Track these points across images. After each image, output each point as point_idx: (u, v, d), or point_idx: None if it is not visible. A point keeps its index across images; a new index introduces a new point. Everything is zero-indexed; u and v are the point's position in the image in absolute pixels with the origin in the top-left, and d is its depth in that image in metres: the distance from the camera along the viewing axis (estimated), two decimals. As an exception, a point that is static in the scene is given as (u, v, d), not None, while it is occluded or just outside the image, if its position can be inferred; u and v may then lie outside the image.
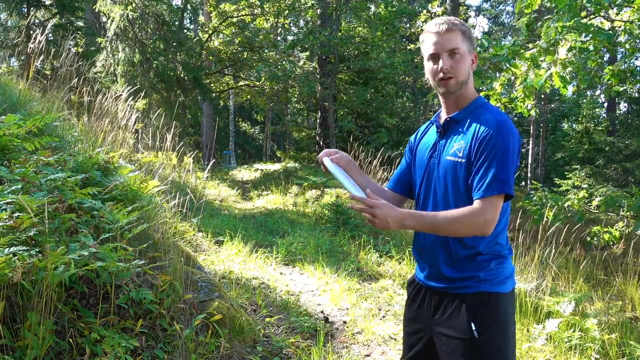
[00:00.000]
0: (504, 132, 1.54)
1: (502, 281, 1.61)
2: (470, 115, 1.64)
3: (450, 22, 1.61)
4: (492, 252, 1.62)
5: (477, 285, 1.58)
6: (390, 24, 13.50)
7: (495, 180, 1.50)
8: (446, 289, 1.64)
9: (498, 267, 1.61)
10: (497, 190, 1.50)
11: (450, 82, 1.61)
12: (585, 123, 18.38)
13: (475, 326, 1.55)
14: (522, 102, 5.42)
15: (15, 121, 2.69)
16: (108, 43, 10.87)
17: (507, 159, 1.52)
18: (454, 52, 1.59)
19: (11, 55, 9.02)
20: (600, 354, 3.15)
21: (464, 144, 1.60)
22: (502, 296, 1.59)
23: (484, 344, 1.54)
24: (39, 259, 1.85)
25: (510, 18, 27.57)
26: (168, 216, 3.68)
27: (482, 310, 1.56)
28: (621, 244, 6.07)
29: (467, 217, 1.51)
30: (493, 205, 1.51)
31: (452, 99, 1.66)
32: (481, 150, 1.55)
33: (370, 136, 15.36)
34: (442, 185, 1.64)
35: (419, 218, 1.55)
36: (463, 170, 1.58)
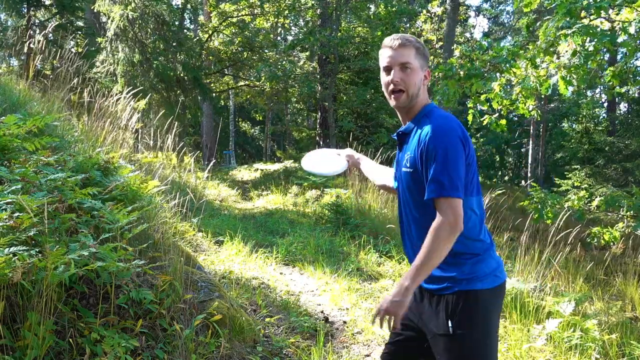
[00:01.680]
0: (439, 136, 1.60)
1: (481, 278, 1.66)
2: (417, 124, 1.72)
3: (405, 39, 1.71)
4: (468, 251, 1.67)
5: (454, 285, 1.66)
6: (390, 24, 13.49)
7: (436, 183, 1.57)
8: (432, 290, 1.71)
9: (476, 265, 1.67)
10: (435, 194, 1.57)
11: (401, 96, 1.70)
12: (585, 123, 18.38)
13: (451, 323, 1.62)
14: (523, 103, 5.42)
15: (15, 121, 2.69)
16: (108, 43, 10.86)
17: (447, 161, 1.57)
18: (405, 66, 1.69)
19: (11, 55, 9.02)
20: (601, 354, 3.14)
21: (410, 155, 1.69)
22: (480, 293, 1.65)
23: (461, 339, 1.62)
24: (39, 259, 1.85)
25: (510, 18, 27.56)
26: (168, 216, 3.68)
27: (459, 308, 1.63)
28: (621, 244, 6.07)
29: (437, 234, 1.56)
30: (448, 207, 1.57)
31: (404, 112, 1.76)
32: (423, 158, 1.63)
33: (370, 136, 15.35)
34: (405, 195, 1.76)
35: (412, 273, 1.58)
36: (412, 181, 1.69)
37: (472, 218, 1.68)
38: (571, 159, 18.26)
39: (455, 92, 5.12)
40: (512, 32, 25.76)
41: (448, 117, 1.66)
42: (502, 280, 1.72)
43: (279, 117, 26.88)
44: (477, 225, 1.70)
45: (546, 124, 23.06)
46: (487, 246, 1.72)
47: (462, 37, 22.27)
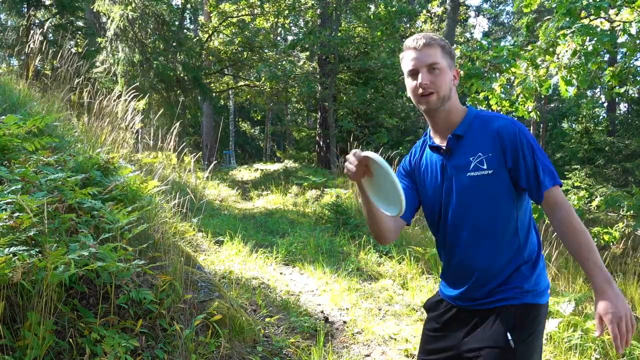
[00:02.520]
0: (523, 130, 1.54)
1: (542, 292, 1.57)
2: (471, 127, 1.58)
3: (429, 37, 1.56)
4: (531, 258, 1.57)
5: (521, 297, 1.53)
6: (390, 24, 13.49)
7: (547, 174, 1.50)
8: (483, 304, 1.57)
9: (539, 277, 1.57)
10: (553, 182, 1.49)
11: (431, 98, 1.55)
12: (585, 123, 18.39)
13: (511, 336, 1.48)
14: (523, 105, 5.42)
15: (15, 121, 2.69)
16: (108, 43, 10.87)
17: (542, 153, 1.52)
18: (433, 67, 1.54)
19: (11, 55, 9.02)
20: (601, 354, 3.15)
21: (483, 156, 1.53)
22: (540, 307, 1.55)
23: (519, 354, 1.48)
24: (39, 259, 1.85)
25: (510, 18, 27.57)
26: (168, 216, 3.68)
27: (522, 321, 1.51)
28: (621, 244, 6.07)
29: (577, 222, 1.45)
30: (561, 193, 1.50)
31: (440, 117, 1.60)
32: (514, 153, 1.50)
33: (370, 136, 15.36)
34: (471, 203, 1.56)
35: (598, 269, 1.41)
36: (491, 182, 1.53)
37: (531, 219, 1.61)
38: (571, 159, 18.25)
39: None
40: (512, 32, 25.77)
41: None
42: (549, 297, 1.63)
43: (279, 117, 26.88)
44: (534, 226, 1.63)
45: (546, 124, 23.06)
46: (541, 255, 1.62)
47: (462, 37, 22.28)
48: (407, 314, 3.92)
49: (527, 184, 1.51)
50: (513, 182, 1.53)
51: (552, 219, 1.51)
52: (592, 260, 1.42)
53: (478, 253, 1.57)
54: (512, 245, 1.55)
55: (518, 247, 1.55)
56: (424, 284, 4.63)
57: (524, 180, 1.50)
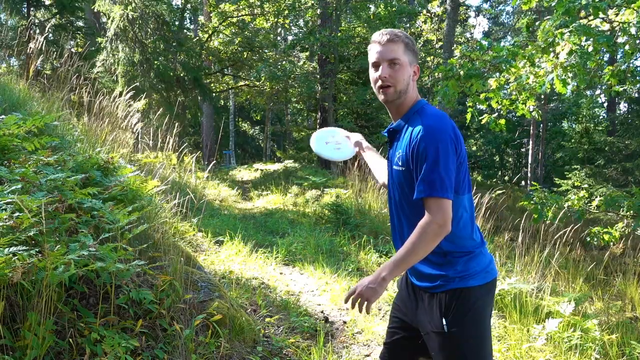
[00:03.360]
0: (430, 135, 1.59)
1: (473, 275, 1.67)
2: (408, 121, 1.71)
3: (393, 34, 1.68)
4: (459, 250, 1.68)
5: (446, 283, 1.66)
6: (390, 24, 13.49)
7: (426, 183, 1.57)
8: (425, 288, 1.72)
9: (468, 263, 1.67)
10: (425, 194, 1.57)
11: (388, 91, 1.69)
12: (585, 123, 18.38)
13: (445, 321, 1.63)
14: (523, 103, 5.42)
15: (15, 121, 2.69)
16: (108, 43, 10.86)
17: (438, 161, 1.56)
18: (393, 62, 1.67)
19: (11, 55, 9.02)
20: (601, 354, 3.14)
21: (401, 152, 1.68)
22: (472, 290, 1.65)
23: (456, 336, 1.62)
24: (39, 259, 1.85)
25: (510, 18, 27.56)
26: (168, 216, 3.68)
27: (452, 305, 1.64)
28: (621, 244, 6.07)
29: (423, 231, 1.57)
30: (437, 207, 1.56)
31: (393, 108, 1.75)
32: (414, 157, 1.62)
33: (370, 136, 15.35)
34: (396, 192, 1.75)
35: (391, 266, 1.59)
36: (403, 178, 1.68)
37: (464, 216, 1.69)
38: (571, 159, 18.24)
39: (454, 92, 5.12)
40: (512, 32, 25.76)
41: (440, 116, 1.65)
42: (494, 276, 1.73)
43: (279, 117, 26.87)
44: (468, 223, 1.71)
45: (546, 123, 23.05)
46: (479, 244, 1.73)
47: (462, 37, 22.27)
48: (407, 314, 3.91)
49: (415, 186, 1.62)
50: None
51: None
52: (395, 256, 1.60)
53: (404, 235, 1.72)
54: None
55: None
56: (424, 284, 4.62)
57: (415, 182, 1.63)
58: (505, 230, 6.66)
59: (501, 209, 7.27)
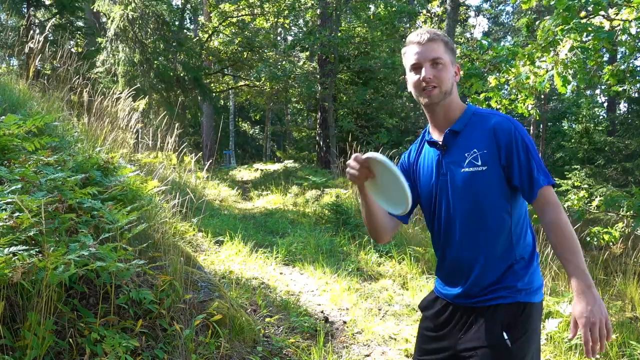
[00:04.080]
0: (519, 128, 1.54)
1: (536, 291, 1.57)
2: (469, 123, 1.60)
3: (433, 32, 1.59)
4: (524, 256, 1.57)
5: (514, 295, 1.53)
6: (390, 24, 13.50)
7: (541, 173, 1.50)
8: (478, 302, 1.57)
9: (532, 276, 1.57)
10: (546, 182, 1.50)
11: (433, 92, 1.56)
12: (585, 123, 18.36)
13: (507, 335, 1.49)
14: (523, 103, 5.42)
15: (15, 121, 2.69)
16: (108, 43, 10.86)
17: (536, 152, 1.53)
18: (436, 62, 1.56)
19: (11, 55, 9.01)
20: (601, 354, 3.14)
21: (478, 152, 1.54)
22: (534, 306, 1.56)
23: (514, 353, 1.48)
24: (39, 259, 1.85)
25: (510, 18, 27.57)
26: (168, 216, 3.68)
27: (517, 320, 1.51)
28: (621, 244, 6.07)
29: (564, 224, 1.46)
30: (553, 194, 1.51)
31: (440, 112, 1.62)
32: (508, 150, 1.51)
33: (370, 136, 15.36)
34: (465, 199, 1.57)
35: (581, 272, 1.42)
36: (484, 178, 1.53)
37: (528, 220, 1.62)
38: (571, 159, 18.23)
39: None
40: (512, 32, 25.77)
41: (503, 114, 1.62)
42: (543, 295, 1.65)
43: (279, 117, 26.87)
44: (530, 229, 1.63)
45: (546, 123, 23.06)
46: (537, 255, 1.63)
47: (462, 37, 22.28)
48: (407, 314, 3.92)
49: (519, 182, 1.51)
50: (507, 180, 1.54)
51: (542, 218, 1.52)
52: (574, 263, 1.43)
53: (471, 249, 1.57)
54: (505, 242, 1.55)
55: (511, 245, 1.55)
56: (424, 284, 4.63)
57: (517, 177, 1.51)
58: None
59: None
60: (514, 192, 1.56)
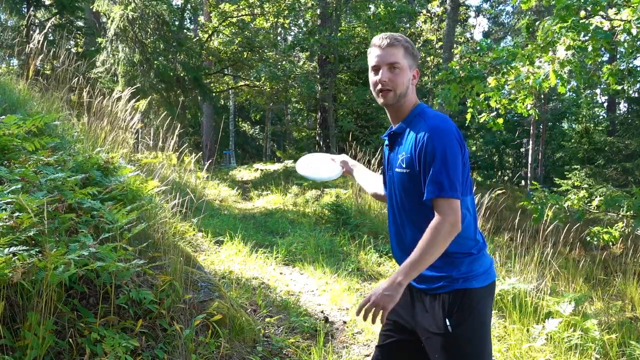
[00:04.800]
0: (437, 137, 1.60)
1: (476, 277, 1.68)
2: (409, 124, 1.71)
3: (393, 38, 1.69)
4: (462, 250, 1.68)
5: (451, 284, 1.66)
6: (390, 24, 13.49)
7: (435, 184, 1.58)
8: (426, 289, 1.71)
9: (472, 264, 1.68)
10: (435, 194, 1.58)
11: (388, 95, 1.69)
12: (585, 123, 18.37)
13: (449, 322, 1.63)
14: (522, 102, 5.42)
15: (15, 121, 2.69)
16: (108, 43, 10.86)
17: (446, 162, 1.58)
18: (393, 66, 1.67)
19: (11, 55, 9.02)
20: (601, 354, 3.15)
21: (405, 155, 1.68)
22: (476, 291, 1.66)
23: (459, 337, 1.63)
24: (39, 259, 1.85)
25: (510, 18, 27.56)
26: (168, 216, 3.68)
27: (456, 306, 1.64)
28: (621, 244, 6.07)
29: (436, 232, 1.56)
30: (448, 207, 1.57)
31: (393, 111, 1.76)
32: (422, 158, 1.62)
33: (370, 136, 15.37)
34: (398, 196, 1.74)
35: (406, 269, 1.57)
36: (408, 181, 1.67)
37: (467, 217, 1.69)
38: (571, 159, 18.23)
39: (456, 95, 5.12)
40: (512, 32, 25.77)
41: (443, 117, 1.66)
42: (494, 278, 1.76)
43: (279, 117, 26.87)
44: (471, 224, 1.72)
45: (546, 123, 23.06)
46: (481, 245, 1.74)
47: (462, 37, 22.27)
48: (407, 314, 3.91)
49: (424, 187, 1.62)
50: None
51: None
52: (410, 258, 1.57)
53: (406, 239, 1.73)
54: None
55: None
56: (424, 284, 4.62)
57: (423, 183, 1.63)
58: (505, 230, 6.66)
59: (501, 209, 7.27)
60: None
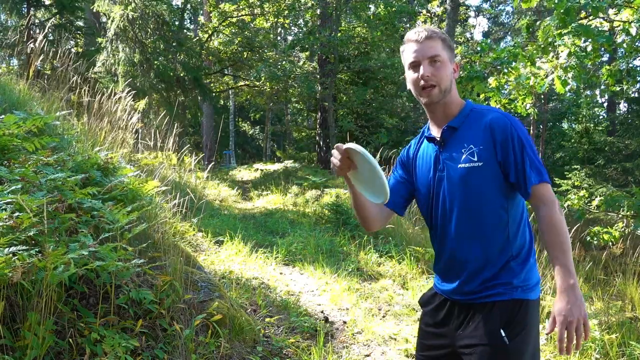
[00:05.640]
0: (516, 124, 1.54)
1: (532, 288, 1.57)
2: (466, 119, 1.60)
3: (430, 30, 1.59)
4: (521, 253, 1.57)
5: (511, 292, 1.53)
6: (390, 24, 13.49)
7: (534, 170, 1.50)
8: (475, 299, 1.57)
9: (529, 273, 1.57)
10: (539, 179, 1.49)
11: (433, 91, 1.57)
12: (585, 123, 18.37)
13: (505, 332, 1.49)
14: (522, 102, 5.42)
15: (15, 121, 2.69)
16: (108, 43, 10.86)
17: (533, 148, 1.52)
18: (434, 60, 1.56)
19: (11, 55, 9.01)
20: (601, 354, 3.14)
21: (474, 148, 1.54)
22: (531, 303, 1.55)
23: (512, 350, 1.49)
24: (39, 259, 1.85)
25: (510, 18, 27.56)
26: (168, 216, 3.68)
27: (514, 317, 1.51)
28: (621, 244, 6.07)
29: (558, 220, 1.47)
30: (549, 191, 1.50)
31: (439, 110, 1.62)
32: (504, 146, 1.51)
33: (370, 136, 15.36)
34: (461, 195, 1.57)
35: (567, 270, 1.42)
36: (481, 174, 1.53)
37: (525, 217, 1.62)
38: (571, 159, 18.23)
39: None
40: (512, 32, 25.77)
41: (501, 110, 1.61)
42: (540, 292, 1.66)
43: (279, 117, 26.87)
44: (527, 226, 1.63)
45: (546, 123, 23.05)
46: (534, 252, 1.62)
47: (462, 37, 22.28)
48: (407, 314, 3.92)
49: (515, 179, 1.51)
50: (504, 176, 1.54)
51: (536, 215, 1.52)
52: (561, 261, 1.43)
53: (467, 244, 1.58)
54: (501, 238, 1.55)
55: (507, 241, 1.55)
56: (424, 284, 4.63)
57: (513, 174, 1.51)
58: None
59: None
60: (511, 188, 1.56)
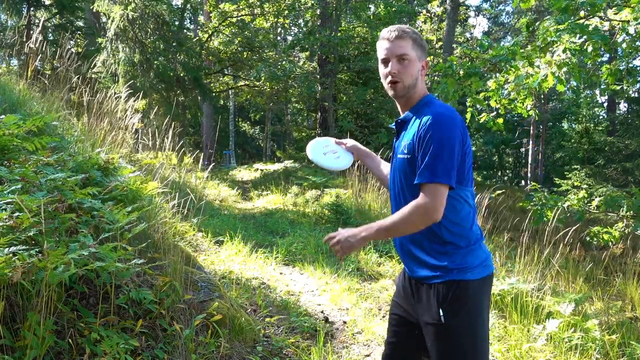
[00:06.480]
0: (439, 123, 1.62)
1: (471, 269, 1.68)
2: (416, 113, 1.74)
3: (401, 30, 1.73)
4: (459, 241, 1.69)
5: (445, 274, 1.68)
6: (390, 24, 13.48)
7: (428, 169, 1.60)
8: (423, 278, 1.73)
9: (466, 256, 1.69)
10: (427, 179, 1.60)
11: (397, 86, 1.73)
12: (585, 123, 18.37)
13: (442, 312, 1.65)
14: (522, 103, 5.42)
15: (15, 121, 2.69)
16: (108, 43, 10.86)
17: (443, 148, 1.60)
18: (402, 58, 1.71)
19: (11, 55, 9.01)
20: (601, 354, 3.14)
21: (407, 141, 1.71)
22: (470, 283, 1.67)
23: (452, 328, 1.64)
24: (39, 259, 1.85)
25: (510, 18, 27.56)
26: (168, 216, 3.68)
27: (450, 297, 1.65)
28: (621, 244, 6.07)
29: (412, 210, 1.61)
30: (432, 193, 1.60)
31: (402, 102, 1.79)
32: (420, 143, 1.64)
33: (370, 136, 15.35)
34: (398, 182, 1.78)
35: (374, 230, 1.67)
36: (408, 166, 1.70)
37: (465, 208, 1.72)
38: (571, 159, 18.23)
39: (455, 91, 5.11)
40: (512, 32, 25.76)
41: (448, 107, 1.70)
42: (491, 270, 1.76)
43: (279, 117, 26.87)
44: (469, 215, 1.74)
45: (546, 123, 23.06)
46: (478, 238, 1.75)
47: (462, 37, 22.27)
48: (407, 314, 3.91)
49: (417, 173, 1.65)
50: None
51: None
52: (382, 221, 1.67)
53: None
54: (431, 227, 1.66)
55: (438, 228, 1.68)
56: (424, 284, 4.62)
57: (417, 168, 1.65)
58: (505, 230, 6.66)
59: (501, 209, 7.27)
60: None
